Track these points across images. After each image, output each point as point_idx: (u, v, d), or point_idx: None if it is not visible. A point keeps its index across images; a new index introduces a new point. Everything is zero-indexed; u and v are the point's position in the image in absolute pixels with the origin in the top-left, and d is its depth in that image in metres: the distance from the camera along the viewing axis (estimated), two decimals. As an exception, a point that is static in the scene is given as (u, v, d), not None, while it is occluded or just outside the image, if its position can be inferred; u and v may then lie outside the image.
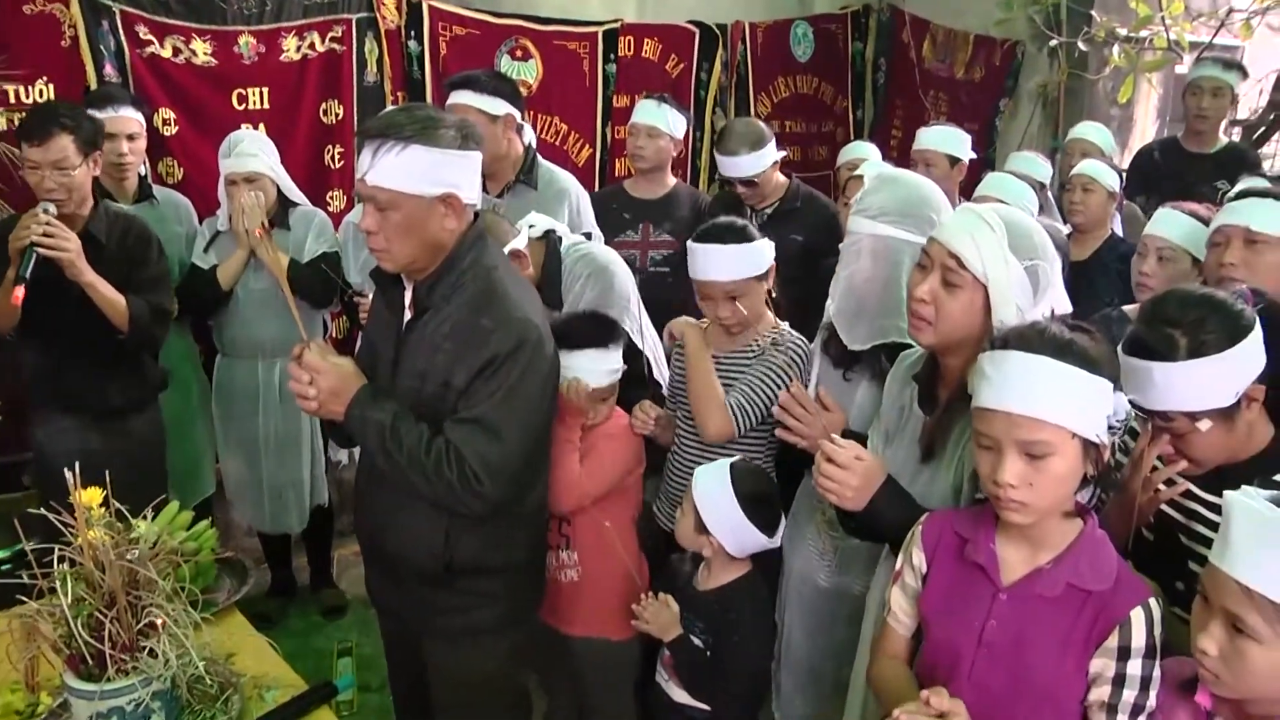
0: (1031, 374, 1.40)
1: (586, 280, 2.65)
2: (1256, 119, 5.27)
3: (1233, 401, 1.54)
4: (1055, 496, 1.43)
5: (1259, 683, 1.28)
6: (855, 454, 1.73)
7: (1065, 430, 1.39)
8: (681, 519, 2.14)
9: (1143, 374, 1.56)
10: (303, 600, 3.77)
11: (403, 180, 1.82)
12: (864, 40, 5.45)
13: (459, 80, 3.07)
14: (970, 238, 1.66)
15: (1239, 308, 1.56)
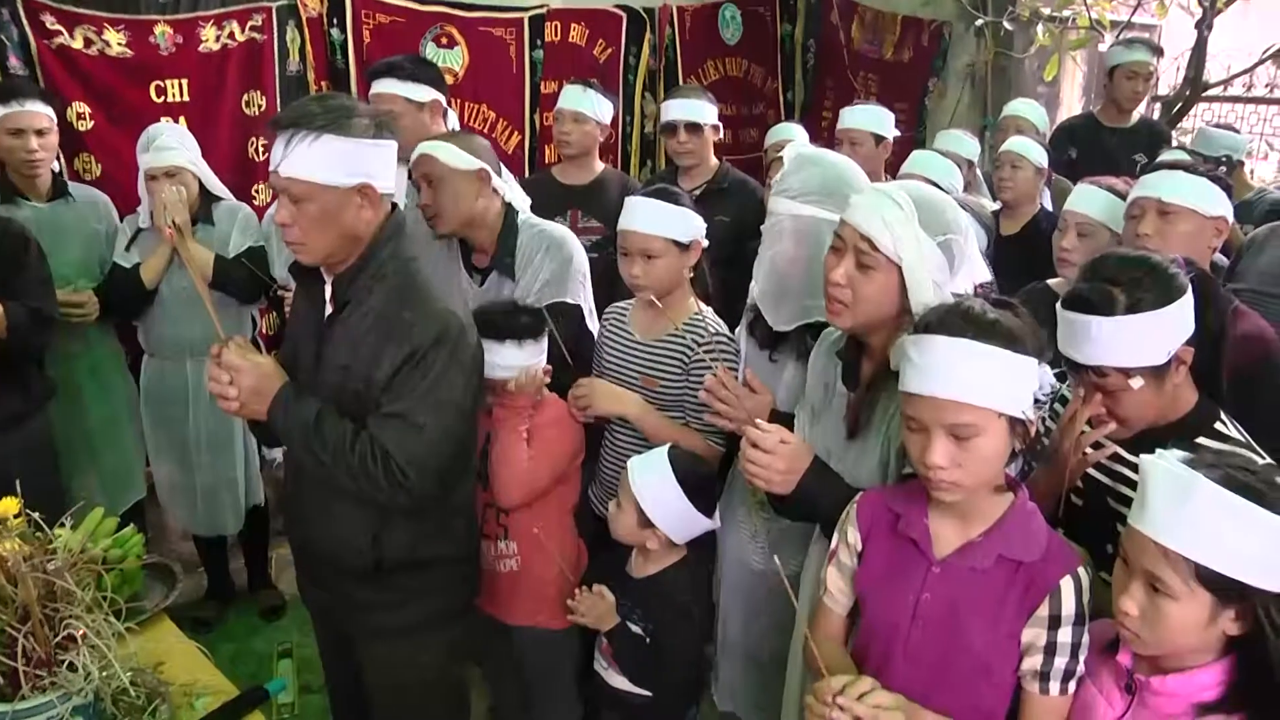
0: (955, 357, 1.40)
1: (545, 253, 2.63)
2: (1174, 95, 5.40)
3: (1164, 361, 1.58)
4: (984, 474, 1.45)
5: (1176, 638, 1.32)
6: (780, 438, 1.74)
7: (991, 411, 1.40)
8: (619, 514, 2.11)
9: (1081, 328, 1.59)
10: (241, 603, 3.70)
11: (316, 171, 1.78)
12: (793, 22, 5.46)
13: (381, 67, 3.01)
14: (880, 219, 1.66)
15: (1174, 271, 1.60)
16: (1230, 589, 1.26)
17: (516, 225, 2.65)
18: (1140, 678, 1.39)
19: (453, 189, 2.53)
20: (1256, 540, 1.25)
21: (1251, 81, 6.39)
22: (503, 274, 2.62)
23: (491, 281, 2.65)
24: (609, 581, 2.18)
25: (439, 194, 2.54)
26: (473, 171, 2.53)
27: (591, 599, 2.12)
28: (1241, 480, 1.27)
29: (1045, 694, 1.46)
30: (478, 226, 2.60)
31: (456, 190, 2.53)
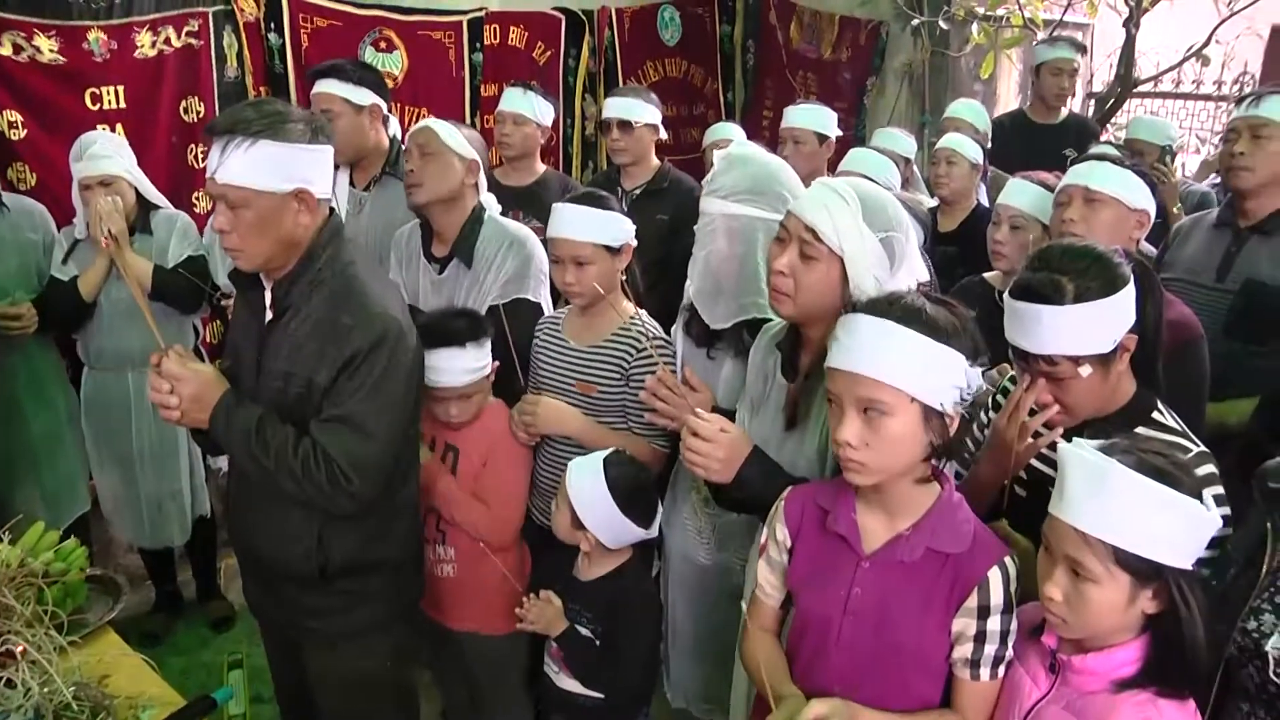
0: (874, 336, 1.44)
1: (507, 250, 2.64)
2: (1106, 91, 5.52)
3: (1111, 349, 1.62)
4: (893, 459, 1.47)
5: (1098, 620, 1.37)
6: (720, 427, 1.77)
7: (903, 393, 1.43)
8: (557, 514, 2.13)
9: (1031, 317, 1.62)
10: (190, 614, 3.66)
11: (253, 177, 1.79)
12: (731, 23, 5.52)
13: (324, 69, 3.02)
14: (825, 211, 1.71)
15: (1118, 261, 1.64)
16: (1147, 569, 1.32)
17: (483, 220, 2.68)
18: (1063, 657, 1.44)
19: (442, 165, 2.58)
20: (1169, 521, 1.31)
21: (1179, 78, 6.56)
22: (461, 260, 2.64)
23: (450, 270, 2.66)
24: (556, 585, 2.19)
25: (428, 165, 2.58)
26: (466, 158, 2.59)
27: (539, 606, 2.12)
28: (1154, 464, 1.32)
29: (976, 680, 1.51)
30: (450, 210, 2.63)
31: (445, 167, 2.58)
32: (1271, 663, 1.38)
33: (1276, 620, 1.40)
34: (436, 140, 2.57)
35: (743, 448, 1.78)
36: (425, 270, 2.72)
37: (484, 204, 2.72)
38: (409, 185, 2.61)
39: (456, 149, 2.58)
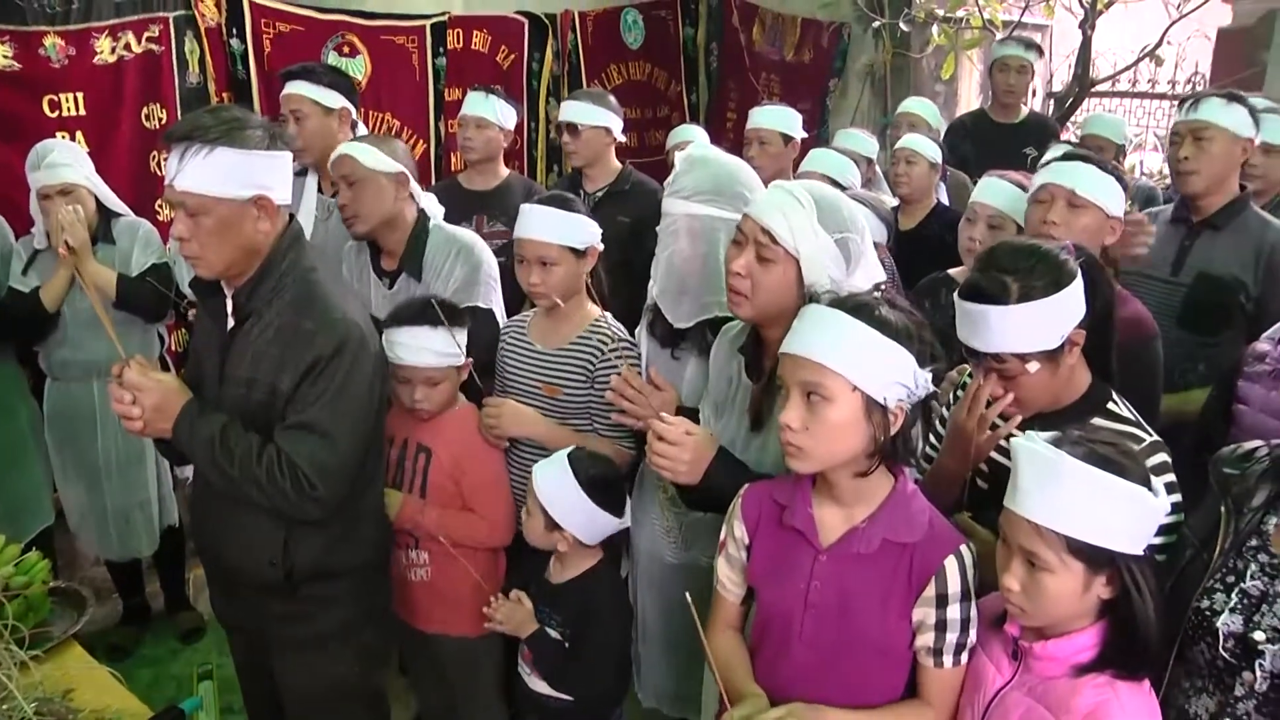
0: (823, 324, 1.48)
1: (455, 259, 2.65)
2: (1065, 91, 5.60)
3: (1058, 345, 1.65)
4: (831, 446, 1.49)
5: (1055, 608, 1.41)
6: (685, 429, 1.78)
7: (844, 381, 1.45)
8: (529, 519, 2.13)
9: (978, 317, 1.65)
10: (159, 626, 3.63)
11: (211, 184, 1.79)
12: (694, 25, 5.55)
13: (296, 71, 3.02)
14: (781, 213, 1.73)
15: (1064, 258, 1.67)
16: (1099, 557, 1.35)
17: (428, 230, 2.67)
18: (1025, 645, 1.47)
19: (373, 190, 2.56)
20: (1120, 509, 1.34)
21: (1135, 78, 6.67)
22: (410, 275, 2.63)
23: (400, 284, 2.66)
24: (529, 588, 2.19)
25: (358, 195, 2.56)
26: (392, 174, 2.57)
27: (509, 606, 2.13)
28: (1103, 454, 1.35)
29: (940, 667, 1.53)
30: (393, 229, 2.62)
31: (376, 191, 2.56)
32: (1221, 639, 1.42)
33: (1227, 599, 1.43)
34: (359, 166, 2.54)
35: (708, 449, 1.80)
36: (375, 285, 2.71)
37: (426, 211, 2.71)
38: (346, 219, 2.59)
39: (381, 168, 2.55)
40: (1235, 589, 1.43)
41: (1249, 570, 1.44)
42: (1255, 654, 1.38)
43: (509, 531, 2.37)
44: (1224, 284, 2.64)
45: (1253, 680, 1.38)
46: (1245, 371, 2.25)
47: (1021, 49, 4.43)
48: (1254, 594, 1.42)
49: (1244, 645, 1.40)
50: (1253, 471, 1.51)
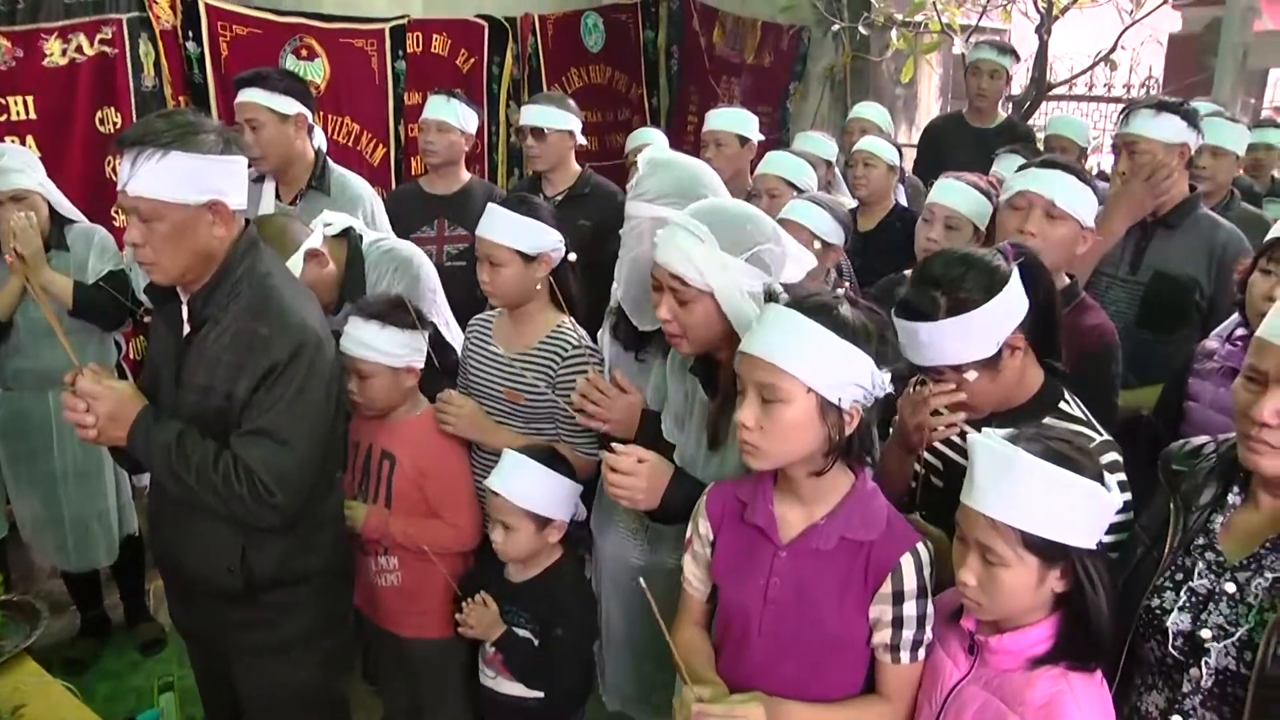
0: (779, 325, 1.49)
1: (393, 274, 2.63)
2: (1023, 95, 5.68)
3: (994, 352, 1.65)
4: (786, 445, 1.50)
5: (1010, 601, 1.42)
6: (637, 457, 1.80)
7: (799, 381, 1.46)
8: (510, 536, 2.13)
9: (910, 334, 1.66)
10: (118, 639, 3.57)
11: (165, 189, 1.77)
12: (655, 29, 5.57)
13: (249, 77, 2.98)
14: (683, 255, 1.74)
15: (995, 263, 1.66)
16: (1054, 551, 1.37)
17: (363, 257, 2.63)
18: (981, 639, 1.49)
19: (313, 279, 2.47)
20: (1073, 504, 1.36)
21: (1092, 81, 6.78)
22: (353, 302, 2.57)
23: (347, 310, 2.57)
24: (491, 590, 2.19)
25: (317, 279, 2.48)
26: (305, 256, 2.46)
27: (479, 609, 2.13)
28: (1058, 450, 1.38)
29: (897, 663, 1.55)
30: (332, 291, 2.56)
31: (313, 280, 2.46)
32: (1170, 637, 1.44)
33: (1176, 597, 1.45)
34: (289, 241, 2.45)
35: (663, 475, 1.82)
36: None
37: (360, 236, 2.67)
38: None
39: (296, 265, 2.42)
40: (1184, 587, 1.46)
41: (1197, 568, 1.46)
42: (1202, 652, 1.40)
43: (475, 535, 2.36)
44: (1179, 283, 2.69)
45: (1199, 677, 1.40)
46: (1195, 369, 2.30)
47: (995, 53, 4.46)
48: (1201, 592, 1.44)
49: (1192, 643, 1.42)
50: (1200, 469, 1.53)
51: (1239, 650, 1.38)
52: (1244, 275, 2.17)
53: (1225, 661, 1.39)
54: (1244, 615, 1.39)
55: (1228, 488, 1.49)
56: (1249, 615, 1.38)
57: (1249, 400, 1.39)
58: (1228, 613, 1.40)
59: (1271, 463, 1.38)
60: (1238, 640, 1.38)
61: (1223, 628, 1.40)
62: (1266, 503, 1.44)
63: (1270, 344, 1.37)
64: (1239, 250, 2.62)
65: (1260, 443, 1.37)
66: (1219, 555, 1.45)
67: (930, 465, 1.86)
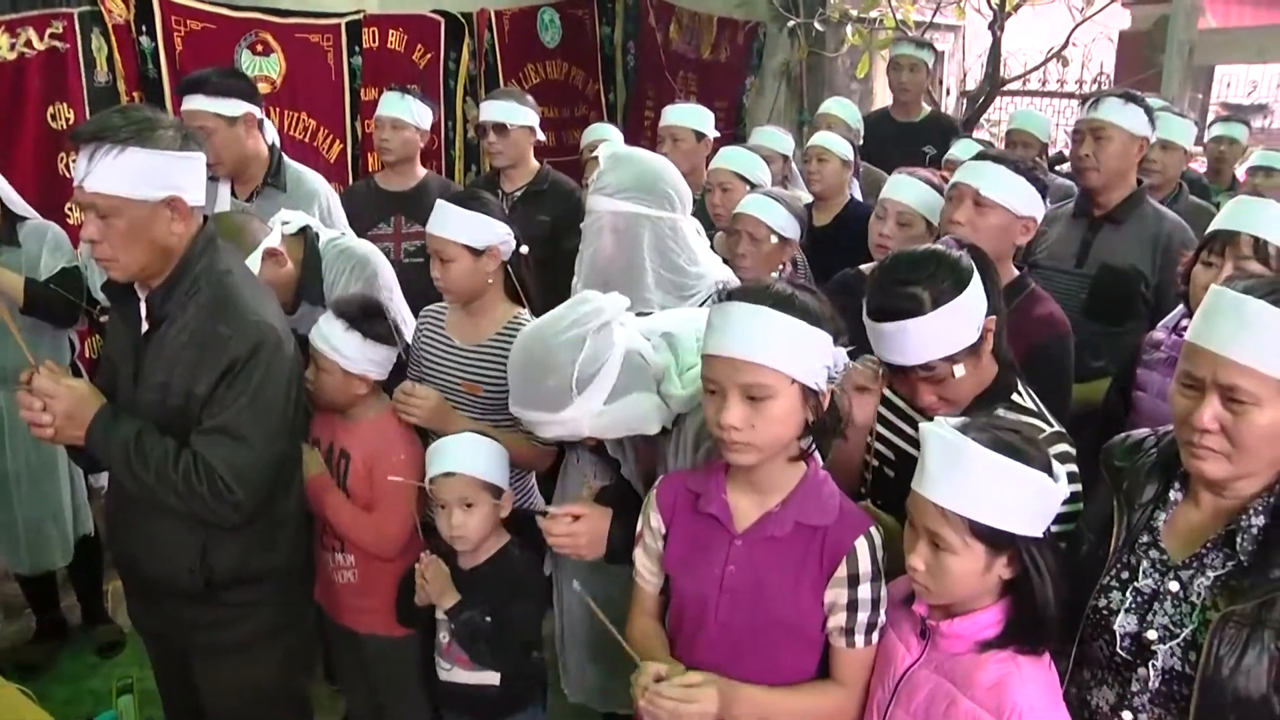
0: (753, 322, 1.49)
1: (349, 274, 2.63)
2: (976, 90, 5.77)
3: (978, 337, 1.69)
4: (776, 437, 1.53)
5: (958, 587, 1.46)
6: (571, 515, 1.84)
7: (784, 375, 1.48)
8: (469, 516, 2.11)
9: (897, 335, 1.66)
10: (76, 641, 3.52)
11: (122, 185, 1.76)
12: (611, 25, 5.57)
13: (188, 84, 2.95)
14: (555, 433, 1.78)
15: (957, 256, 1.70)
16: (1000, 539, 1.41)
17: (320, 257, 2.63)
18: (932, 623, 1.52)
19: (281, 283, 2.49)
20: (1020, 493, 1.40)
21: (1045, 77, 6.90)
22: (311, 302, 2.59)
23: (304, 309, 2.61)
24: None
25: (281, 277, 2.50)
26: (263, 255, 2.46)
27: (435, 567, 2.10)
28: (1007, 441, 1.41)
29: (852, 647, 1.58)
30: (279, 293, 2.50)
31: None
32: (1118, 639, 1.46)
33: (1123, 598, 1.47)
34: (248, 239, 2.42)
35: (601, 525, 1.86)
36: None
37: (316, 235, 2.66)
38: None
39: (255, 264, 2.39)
40: (1129, 587, 1.47)
41: (1141, 567, 1.47)
42: (1149, 654, 1.43)
43: (392, 547, 2.31)
44: (1125, 275, 2.76)
45: (1147, 677, 1.43)
46: (1143, 359, 2.36)
47: (913, 48, 4.56)
48: (1146, 592, 1.46)
49: (1139, 644, 1.44)
50: (1142, 465, 1.55)
51: (1184, 651, 1.39)
52: (1187, 267, 2.22)
53: (1171, 662, 1.40)
54: (1188, 615, 1.40)
55: (1169, 484, 1.50)
56: (1192, 615, 1.40)
57: (1188, 407, 1.39)
58: (1172, 613, 1.42)
59: (1215, 467, 1.38)
60: (1182, 641, 1.40)
61: (1168, 628, 1.41)
62: (1207, 501, 1.45)
63: (1201, 349, 1.38)
64: (1183, 241, 2.70)
65: (1203, 449, 1.38)
66: (1163, 554, 1.46)
67: (882, 456, 1.89)
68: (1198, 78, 9.99)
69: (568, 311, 1.75)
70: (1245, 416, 1.34)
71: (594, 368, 1.70)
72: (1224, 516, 1.43)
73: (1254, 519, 1.39)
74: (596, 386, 1.71)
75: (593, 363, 1.70)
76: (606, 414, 1.73)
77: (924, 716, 1.50)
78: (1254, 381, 1.32)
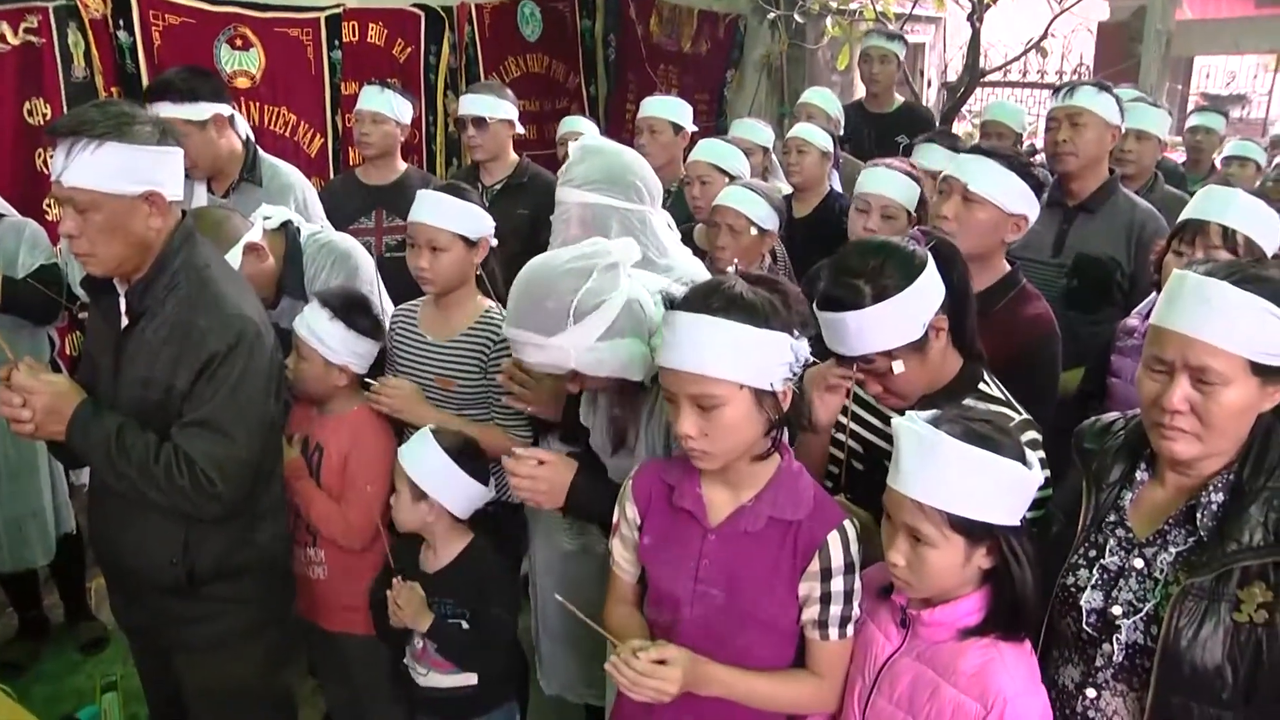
0: (696, 332, 1.48)
1: (331, 268, 2.63)
2: (956, 81, 5.80)
3: (922, 334, 1.69)
4: (732, 443, 1.53)
5: (939, 580, 1.48)
6: (537, 459, 1.83)
7: (732, 383, 1.48)
8: (397, 499, 2.13)
9: (838, 325, 1.68)
10: (59, 639, 3.50)
11: (100, 179, 1.76)
12: (592, 18, 5.57)
13: (155, 89, 2.93)
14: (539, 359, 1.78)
15: (911, 249, 1.70)
16: (979, 530, 1.42)
17: (301, 251, 2.63)
18: (912, 612, 1.54)
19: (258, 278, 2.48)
20: (995, 484, 1.41)
21: (1026, 68, 6.94)
22: (293, 297, 2.59)
23: (285, 304, 2.61)
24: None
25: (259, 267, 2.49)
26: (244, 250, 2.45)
27: (408, 591, 2.10)
28: (979, 432, 1.42)
29: (825, 640, 1.59)
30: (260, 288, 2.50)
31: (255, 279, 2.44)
32: (1084, 615, 1.50)
33: (1090, 575, 1.51)
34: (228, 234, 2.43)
35: (565, 475, 1.85)
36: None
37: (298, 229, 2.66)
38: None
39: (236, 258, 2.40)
40: (1096, 564, 1.50)
41: (1108, 545, 1.51)
42: (1113, 628, 1.46)
43: (360, 538, 2.31)
44: (1101, 263, 2.79)
45: (1111, 652, 1.46)
46: (1117, 346, 2.39)
47: (884, 40, 4.60)
48: (1112, 569, 1.49)
49: (1104, 620, 1.48)
50: (1110, 447, 1.57)
51: (1146, 624, 1.43)
52: (1159, 256, 2.25)
53: (1134, 636, 1.44)
54: (1151, 590, 1.44)
55: (1135, 465, 1.53)
56: (1155, 590, 1.43)
57: (1156, 389, 1.41)
58: (1136, 588, 1.45)
59: (1185, 448, 1.41)
60: (1145, 615, 1.43)
61: (1132, 603, 1.45)
62: (1171, 480, 1.49)
63: (1168, 332, 1.40)
64: (1155, 229, 2.73)
65: (1173, 429, 1.40)
66: (1129, 532, 1.50)
67: (851, 450, 1.90)
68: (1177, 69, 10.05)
69: (580, 248, 1.80)
70: (1215, 396, 1.37)
71: (595, 301, 1.73)
72: (1186, 494, 1.47)
73: (1214, 495, 1.43)
74: (593, 320, 1.73)
75: (594, 295, 1.73)
76: (596, 351, 1.74)
77: (907, 705, 1.52)
78: (1222, 361, 1.35)
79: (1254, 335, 1.34)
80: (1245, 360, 1.35)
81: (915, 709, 1.50)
